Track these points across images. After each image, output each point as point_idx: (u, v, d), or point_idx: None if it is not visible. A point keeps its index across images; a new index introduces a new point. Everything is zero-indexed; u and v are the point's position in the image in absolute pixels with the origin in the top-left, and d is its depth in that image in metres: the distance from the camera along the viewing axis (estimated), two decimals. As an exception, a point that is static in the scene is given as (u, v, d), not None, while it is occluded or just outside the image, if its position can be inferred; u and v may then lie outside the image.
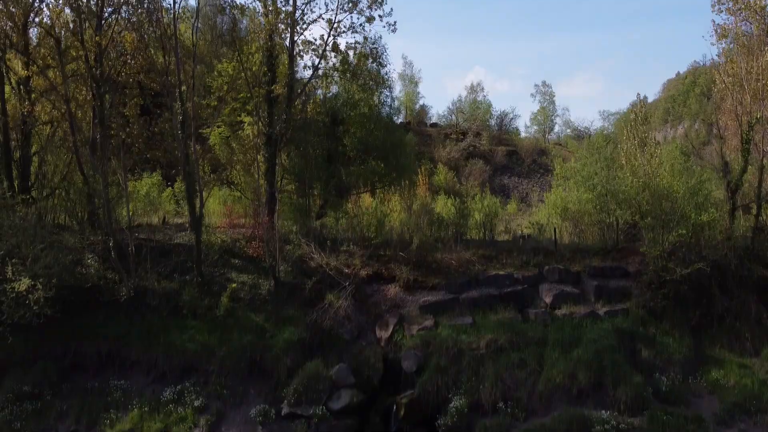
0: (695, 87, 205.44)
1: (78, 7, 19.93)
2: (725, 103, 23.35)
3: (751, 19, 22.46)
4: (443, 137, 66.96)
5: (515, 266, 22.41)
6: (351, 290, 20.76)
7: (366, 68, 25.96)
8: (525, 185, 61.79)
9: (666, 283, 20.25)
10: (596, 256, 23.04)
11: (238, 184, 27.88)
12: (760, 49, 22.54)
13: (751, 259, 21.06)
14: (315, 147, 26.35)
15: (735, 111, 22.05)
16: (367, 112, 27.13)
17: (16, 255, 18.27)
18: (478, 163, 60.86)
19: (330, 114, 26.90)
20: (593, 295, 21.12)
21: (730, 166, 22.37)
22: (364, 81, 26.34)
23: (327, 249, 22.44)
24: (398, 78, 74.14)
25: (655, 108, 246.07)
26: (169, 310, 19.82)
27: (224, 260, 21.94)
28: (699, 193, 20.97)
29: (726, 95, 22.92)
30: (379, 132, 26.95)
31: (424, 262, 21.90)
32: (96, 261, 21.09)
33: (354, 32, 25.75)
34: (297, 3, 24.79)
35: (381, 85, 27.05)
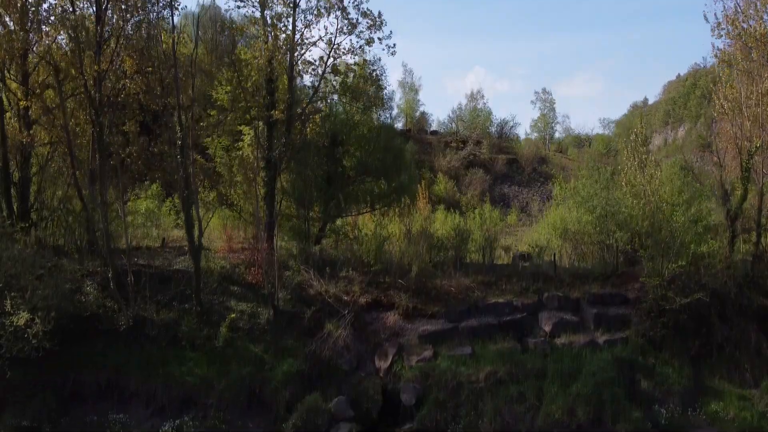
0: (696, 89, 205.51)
1: (77, 36, 19.88)
2: (724, 127, 23.31)
3: (751, 44, 22.40)
4: (443, 146, 66.96)
5: (515, 293, 22.40)
6: (350, 319, 20.75)
7: (365, 91, 25.95)
8: (525, 194, 61.77)
9: (665, 312, 20.25)
10: (596, 282, 23.04)
11: (238, 204, 27.84)
12: (760, 75, 22.52)
13: (750, 287, 21.04)
14: (314, 169, 26.33)
15: (734, 137, 22.01)
16: (366, 133, 27.12)
17: (15, 287, 18.28)
18: (478, 173, 60.87)
19: (330, 135, 26.90)
20: (593, 323, 21.11)
21: (729, 194, 22.33)
22: (363, 103, 26.32)
23: (326, 275, 22.42)
24: (398, 85, 74.26)
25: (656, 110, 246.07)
26: (168, 340, 19.79)
27: (223, 287, 21.92)
28: (698, 223, 20.92)
29: (725, 120, 22.87)
30: (378, 152, 26.91)
31: (423, 290, 21.89)
32: (95, 288, 21.08)
33: (353, 54, 25.76)
34: (297, 25, 24.87)
35: (380, 107, 27.00)
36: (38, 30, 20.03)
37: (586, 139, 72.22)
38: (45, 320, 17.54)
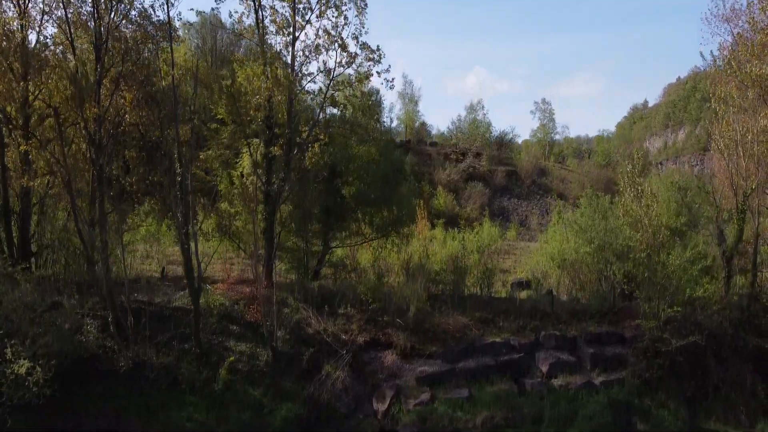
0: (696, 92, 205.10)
1: (76, 80, 20.02)
2: (720, 165, 23.42)
3: (747, 82, 22.50)
4: (443, 158, 67.12)
5: (512, 331, 22.56)
6: (348, 359, 20.91)
7: (363, 123, 26.12)
8: (524, 207, 61.91)
9: (661, 353, 20.39)
10: (593, 319, 23.19)
11: (237, 235, 27.99)
12: (756, 113, 22.63)
13: (746, 327, 21.17)
14: (313, 201, 26.49)
15: (730, 177, 22.12)
16: (364, 164, 27.25)
17: (16, 334, 18.44)
18: (478, 186, 61.10)
19: (329, 166, 27.06)
20: (589, 362, 21.26)
21: (725, 235, 22.45)
22: (360, 136, 26.49)
23: (324, 312, 22.59)
24: (398, 96, 74.54)
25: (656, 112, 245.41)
26: (168, 383, 19.92)
27: (222, 326, 22.05)
28: (693, 265, 21.03)
29: (721, 158, 22.99)
30: (377, 183, 27.04)
31: (421, 328, 22.04)
32: (95, 328, 21.23)
33: (352, 87, 25.90)
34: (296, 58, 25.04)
35: (379, 138, 27.18)
36: (39, 75, 20.13)
37: (586, 151, 72.04)
38: (46, 368, 17.72)
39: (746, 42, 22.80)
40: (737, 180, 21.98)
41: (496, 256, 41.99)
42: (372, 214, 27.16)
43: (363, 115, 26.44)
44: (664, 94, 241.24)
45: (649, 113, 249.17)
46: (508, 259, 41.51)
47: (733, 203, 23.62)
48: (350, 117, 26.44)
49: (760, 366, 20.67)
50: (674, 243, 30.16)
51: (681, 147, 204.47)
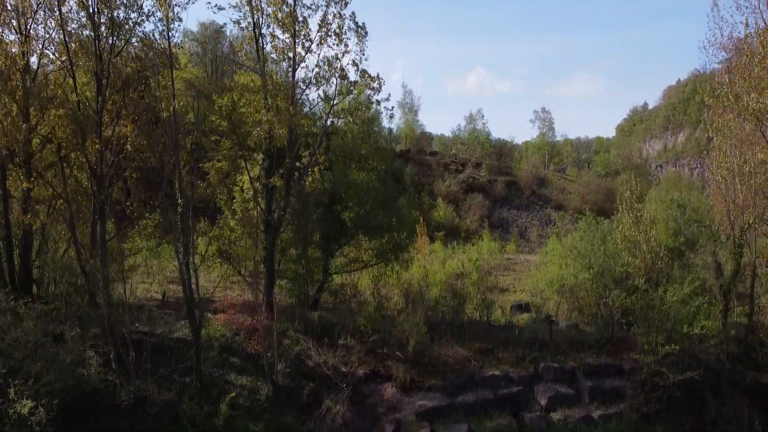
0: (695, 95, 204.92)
1: (78, 119, 20.16)
2: (717, 199, 23.53)
3: (744, 115, 22.59)
4: (442, 168, 67.23)
5: (511, 362, 22.70)
6: (348, 393, 21.05)
7: (364, 150, 26.27)
8: (524, 218, 62.04)
9: (659, 387, 20.54)
10: (591, 350, 23.34)
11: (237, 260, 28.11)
12: (754, 144, 22.75)
13: (743, 361, 21.31)
14: (314, 228, 26.65)
15: (727, 209, 22.25)
16: (364, 191, 27.36)
17: (19, 372, 18.59)
18: (477, 198, 61.27)
19: (329, 193, 27.21)
20: (588, 395, 21.40)
21: (722, 268, 22.57)
22: (360, 164, 26.64)
23: (324, 344, 22.73)
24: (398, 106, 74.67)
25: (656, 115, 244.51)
26: (170, 419, 20.05)
27: (223, 359, 22.19)
28: (691, 302, 21.14)
29: (718, 189, 23.10)
30: (377, 209, 27.17)
31: (421, 361, 22.17)
32: (97, 361, 21.40)
33: (351, 115, 26.02)
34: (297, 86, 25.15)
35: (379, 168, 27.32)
36: (41, 113, 20.27)
37: (586, 160, 72.16)
38: (48, 407, 17.85)
39: (744, 74, 22.90)
40: (735, 215, 22.09)
41: (496, 273, 42.32)
42: (372, 239, 27.27)
43: (363, 142, 26.55)
44: (664, 96, 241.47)
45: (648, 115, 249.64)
46: (507, 275, 41.65)
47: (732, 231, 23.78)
48: (350, 142, 26.53)
49: (758, 400, 20.82)
50: (673, 265, 30.43)
51: (681, 150, 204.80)
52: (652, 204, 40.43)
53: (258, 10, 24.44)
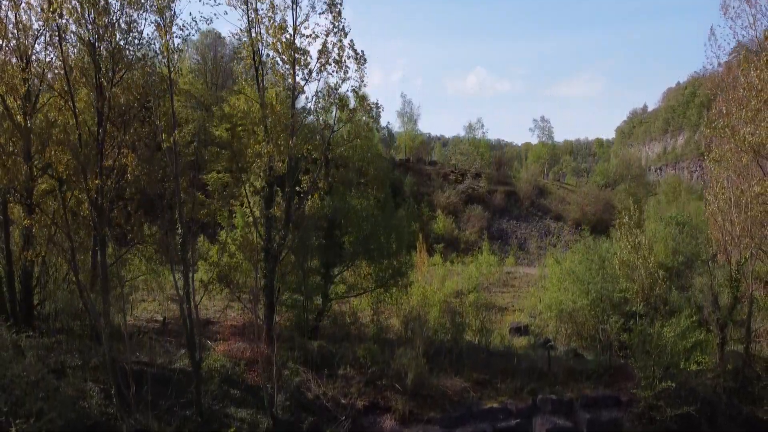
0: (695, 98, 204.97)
1: (79, 156, 20.27)
2: (714, 228, 23.65)
3: (741, 147, 22.72)
4: (442, 178, 67.34)
5: (510, 393, 22.83)
6: (348, 425, 21.19)
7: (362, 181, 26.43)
8: (523, 229, 62.16)
9: (656, 421, 20.68)
10: (589, 380, 23.47)
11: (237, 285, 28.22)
12: (751, 176, 22.88)
13: (740, 395, 21.44)
14: (313, 254, 26.80)
15: (723, 242, 22.37)
16: (364, 217, 27.51)
17: (21, 409, 18.73)
18: (477, 209, 61.42)
19: (328, 219, 27.35)
20: (586, 428, 21.54)
21: (719, 301, 22.70)
22: (359, 191, 26.80)
23: (324, 375, 22.88)
24: (397, 116, 74.78)
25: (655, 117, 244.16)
26: (170, 454, 20.22)
27: (223, 391, 22.31)
28: (687, 338, 21.25)
29: (715, 220, 23.22)
30: (376, 235, 27.30)
31: (419, 393, 22.29)
32: (98, 393, 21.53)
33: (350, 144, 26.20)
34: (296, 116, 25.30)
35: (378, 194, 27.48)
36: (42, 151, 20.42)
37: (585, 170, 72.24)
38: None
39: (741, 105, 23.05)
40: (731, 245, 22.21)
41: (494, 290, 42.48)
42: (371, 265, 27.41)
43: (362, 169, 26.76)
44: (664, 98, 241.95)
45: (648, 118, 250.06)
46: (506, 292, 41.80)
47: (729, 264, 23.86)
48: (349, 170, 26.73)
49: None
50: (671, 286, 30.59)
51: (680, 152, 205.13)
52: (651, 222, 40.65)
53: (258, 40, 24.55)
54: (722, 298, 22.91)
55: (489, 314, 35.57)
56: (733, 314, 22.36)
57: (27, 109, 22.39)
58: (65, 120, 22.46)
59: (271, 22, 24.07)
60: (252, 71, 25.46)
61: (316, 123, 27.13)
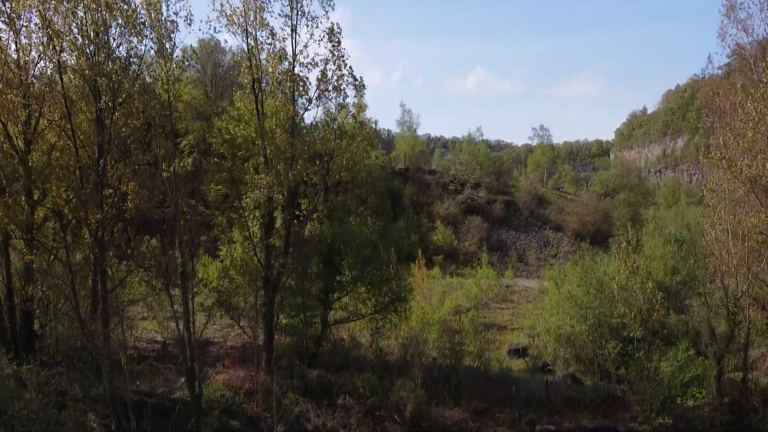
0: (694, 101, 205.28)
1: (80, 194, 20.42)
2: (712, 256, 23.76)
3: (738, 179, 22.80)
4: (441, 188, 67.45)
5: (508, 423, 22.94)
6: (347, 459, 21.34)
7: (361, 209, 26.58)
8: (523, 240, 62.30)
9: (654, 453, 20.81)
10: (587, 409, 23.60)
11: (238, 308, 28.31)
12: (747, 205, 22.99)
13: (737, 426, 21.56)
14: (312, 279, 26.93)
15: (720, 274, 22.49)
16: (363, 243, 27.61)
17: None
18: (476, 220, 61.56)
19: (328, 245, 27.47)
20: (583, 460, 21.68)
21: (717, 334, 22.82)
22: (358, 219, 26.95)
23: (323, 405, 23.01)
24: (396, 125, 74.86)
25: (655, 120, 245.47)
26: (171, 489, 20.37)
27: (223, 422, 22.43)
28: (685, 372, 21.35)
29: (712, 251, 23.34)
30: (376, 263, 27.43)
31: (418, 426, 22.41)
32: (98, 424, 21.66)
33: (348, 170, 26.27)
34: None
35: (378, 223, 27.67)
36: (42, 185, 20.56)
37: (584, 179, 72.36)
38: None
39: (738, 137, 23.15)
40: (729, 281, 22.33)
41: (493, 306, 42.63)
42: (370, 291, 27.55)
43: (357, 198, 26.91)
44: (663, 101, 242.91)
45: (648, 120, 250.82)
46: (505, 309, 41.93)
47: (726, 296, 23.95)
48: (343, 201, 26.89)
49: (751, 465, 21.09)
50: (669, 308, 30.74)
51: (680, 155, 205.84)
52: (650, 239, 40.77)
53: (258, 68, 24.66)
54: (719, 327, 23.03)
55: (488, 333, 35.87)
56: (730, 346, 22.47)
57: (27, 134, 22.64)
58: (65, 144, 22.65)
59: (271, 53, 24.17)
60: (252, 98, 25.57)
61: (315, 149, 27.20)
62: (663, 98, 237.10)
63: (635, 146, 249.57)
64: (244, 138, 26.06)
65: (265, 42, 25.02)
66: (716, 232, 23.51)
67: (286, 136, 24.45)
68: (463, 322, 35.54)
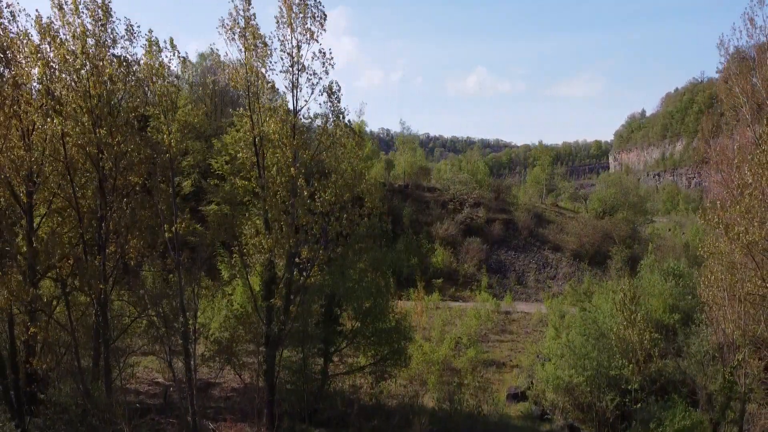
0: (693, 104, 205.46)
1: (83, 267, 20.64)
2: (710, 316, 24.01)
3: (733, 242, 22.99)
4: (440, 208, 67.68)
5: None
6: None
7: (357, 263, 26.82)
8: (522, 261, 62.58)
9: None
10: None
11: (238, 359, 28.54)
12: (745, 270, 23.20)
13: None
14: (312, 332, 27.17)
15: (718, 343, 22.72)
16: (362, 295, 27.84)
17: None
18: (475, 242, 61.73)
19: (327, 297, 27.70)
20: None
21: (714, 401, 23.08)
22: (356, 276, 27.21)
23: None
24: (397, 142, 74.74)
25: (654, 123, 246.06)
26: None
27: (225, 486, 22.75)
28: None
29: (709, 317, 23.59)
30: (376, 319, 27.71)
31: (418, 488, 22.75)
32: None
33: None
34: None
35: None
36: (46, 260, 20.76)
37: (583, 196, 72.61)
38: None
39: (735, 200, 23.35)
40: (725, 347, 22.57)
41: (492, 337, 42.88)
42: (369, 342, 27.84)
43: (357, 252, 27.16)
44: (662, 104, 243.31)
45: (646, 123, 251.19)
46: (504, 341, 42.11)
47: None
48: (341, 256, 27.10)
49: None
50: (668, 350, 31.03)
51: (679, 159, 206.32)
52: (647, 273, 41.08)
53: (258, 129, 24.78)
54: (716, 392, 23.30)
55: (487, 372, 36.24)
56: (726, 414, 22.73)
57: (29, 187, 22.81)
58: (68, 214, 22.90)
59: (271, 114, 24.28)
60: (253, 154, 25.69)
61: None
62: (662, 101, 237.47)
63: (634, 149, 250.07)
64: (244, 189, 26.24)
65: (263, 93, 25.28)
66: (713, 293, 23.72)
67: (287, 195, 24.61)
68: (462, 361, 35.99)
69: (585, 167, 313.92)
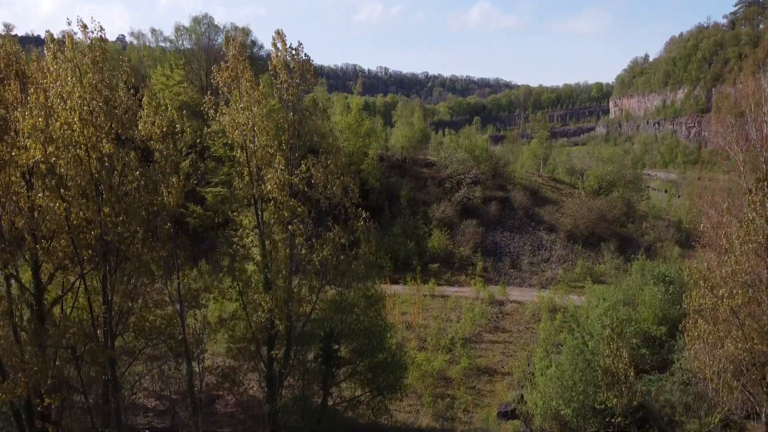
0: (697, 51, 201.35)
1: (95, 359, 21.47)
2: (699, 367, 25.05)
3: (717, 304, 23.74)
4: (437, 186, 68.10)
5: None
6: None
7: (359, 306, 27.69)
8: (517, 242, 63.55)
9: None
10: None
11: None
12: (729, 324, 24.08)
13: None
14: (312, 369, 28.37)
15: (706, 398, 23.87)
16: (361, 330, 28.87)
17: None
18: (472, 224, 62.50)
19: (326, 334, 28.71)
20: None
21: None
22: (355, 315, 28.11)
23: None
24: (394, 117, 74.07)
25: (656, 69, 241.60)
26: None
27: None
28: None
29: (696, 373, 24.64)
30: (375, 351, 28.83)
31: None
32: None
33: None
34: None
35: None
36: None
37: (580, 171, 72.84)
38: None
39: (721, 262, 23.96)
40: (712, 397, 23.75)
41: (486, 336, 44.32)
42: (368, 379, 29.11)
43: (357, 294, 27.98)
44: (666, 49, 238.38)
45: (649, 68, 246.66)
46: (497, 341, 43.41)
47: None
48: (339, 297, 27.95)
49: None
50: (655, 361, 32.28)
51: (680, 107, 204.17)
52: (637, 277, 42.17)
53: (258, 190, 25.07)
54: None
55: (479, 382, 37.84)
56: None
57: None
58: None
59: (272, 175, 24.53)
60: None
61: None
62: (666, 46, 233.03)
63: (635, 95, 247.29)
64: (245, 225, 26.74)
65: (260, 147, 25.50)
66: (698, 349, 24.68)
67: (285, 251, 25.23)
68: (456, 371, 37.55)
69: (585, 110, 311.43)
